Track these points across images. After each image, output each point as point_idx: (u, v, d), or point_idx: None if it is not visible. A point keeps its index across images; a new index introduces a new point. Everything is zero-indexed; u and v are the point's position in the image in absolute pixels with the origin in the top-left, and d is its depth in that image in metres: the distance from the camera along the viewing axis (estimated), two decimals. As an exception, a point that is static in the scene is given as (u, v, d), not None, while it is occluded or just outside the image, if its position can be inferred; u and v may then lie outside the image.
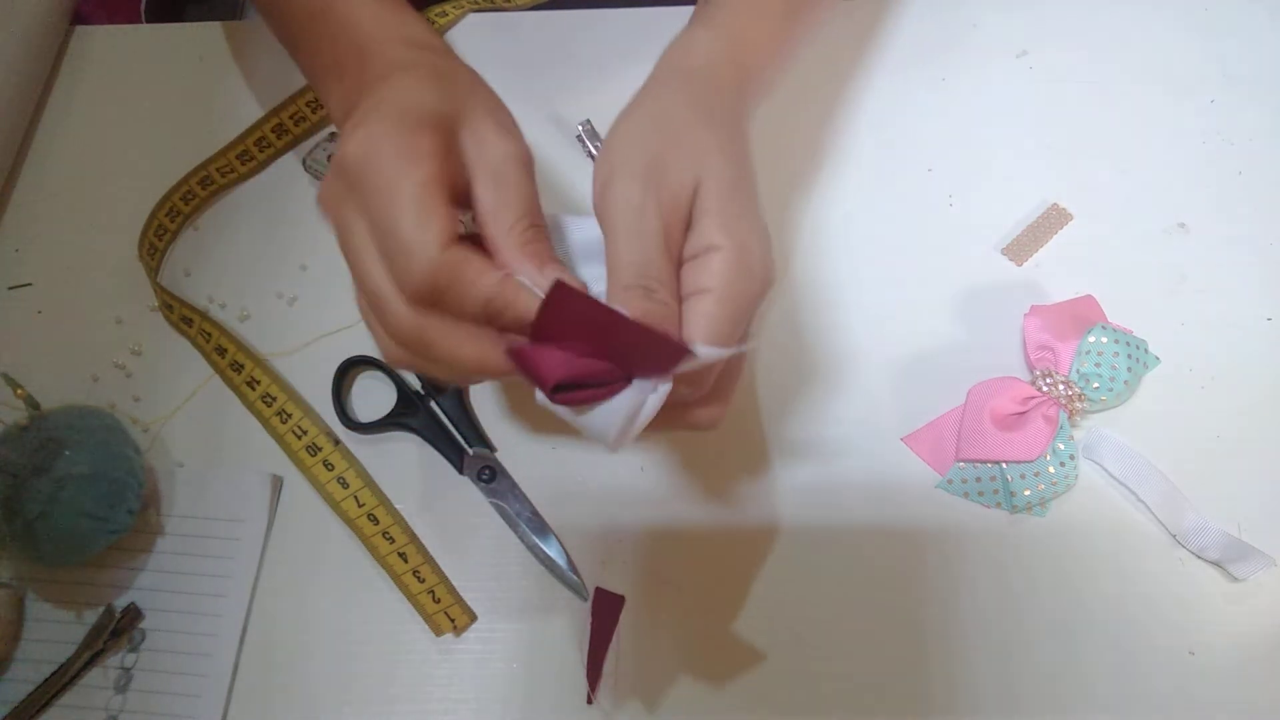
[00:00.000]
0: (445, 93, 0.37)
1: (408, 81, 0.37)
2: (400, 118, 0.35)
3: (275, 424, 0.52)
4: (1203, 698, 0.46)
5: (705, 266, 0.35)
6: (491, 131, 0.37)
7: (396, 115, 0.35)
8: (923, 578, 0.49)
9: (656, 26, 0.62)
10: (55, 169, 0.60)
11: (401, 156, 0.34)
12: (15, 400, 0.49)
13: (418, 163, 0.34)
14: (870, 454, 0.51)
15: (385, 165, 0.34)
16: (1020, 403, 0.49)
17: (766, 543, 0.50)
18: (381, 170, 0.34)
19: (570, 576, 0.49)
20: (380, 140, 0.35)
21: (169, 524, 0.50)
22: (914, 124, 0.59)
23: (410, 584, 0.49)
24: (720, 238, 0.35)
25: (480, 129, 0.37)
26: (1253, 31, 0.61)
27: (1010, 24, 0.62)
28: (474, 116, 0.37)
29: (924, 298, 0.55)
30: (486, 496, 0.51)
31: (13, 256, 0.58)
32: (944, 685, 0.47)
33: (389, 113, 0.35)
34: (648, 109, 0.39)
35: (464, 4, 0.64)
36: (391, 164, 0.34)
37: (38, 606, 0.49)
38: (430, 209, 0.34)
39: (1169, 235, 0.56)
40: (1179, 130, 0.58)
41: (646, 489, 0.51)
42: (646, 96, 0.40)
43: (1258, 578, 0.48)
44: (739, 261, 0.35)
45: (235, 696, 0.48)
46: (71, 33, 0.64)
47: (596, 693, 0.46)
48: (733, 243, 0.35)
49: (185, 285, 0.57)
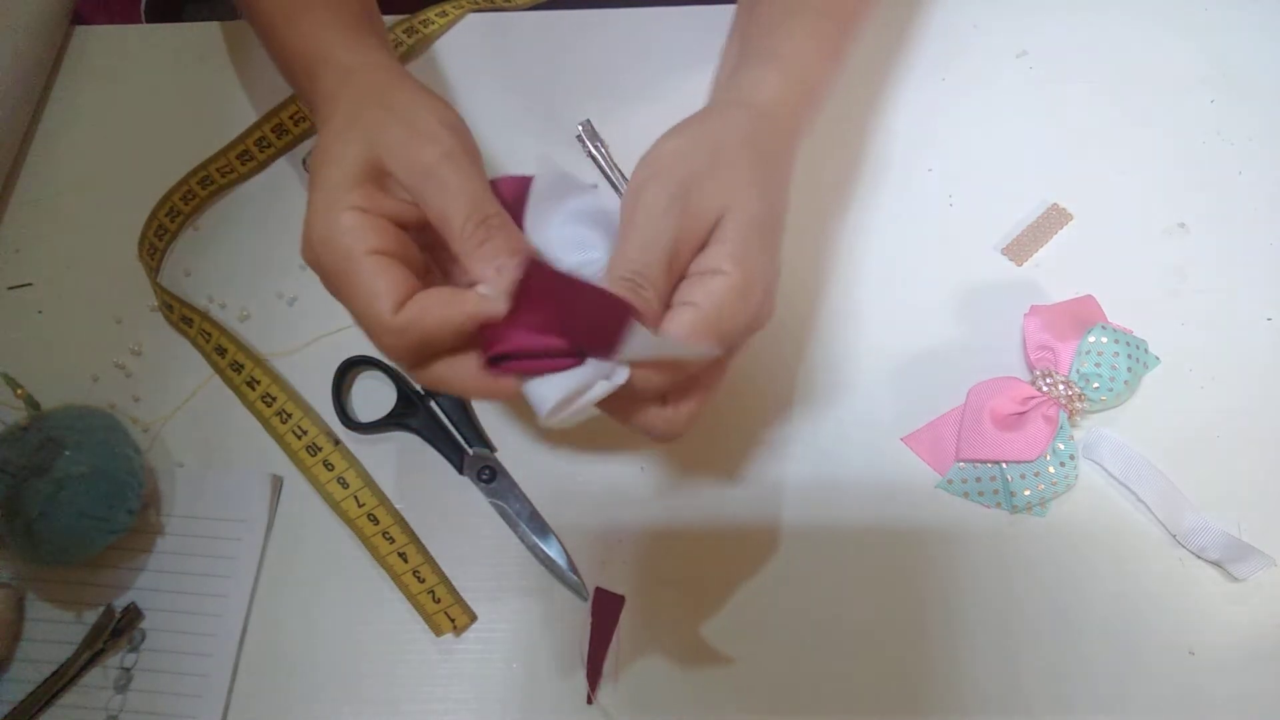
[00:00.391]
0: (362, 132, 0.38)
1: (331, 141, 0.39)
2: (333, 192, 0.37)
3: (275, 424, 0.52)
4: (1203, 698, 0.46)
5: (702, 284, 0.37)
6: (410, 144, 0.38)
7: (330, 191, 0.37)
8: (923, 578, 0.49)
9: (656, 27, 0.63)
10: (55, 169, 0.60)
11: (341, 236, 0.36)
12: (15, 400, 0.49)
13: (356, 236, 0.36)
14: (870, 454, 0.51)
15: (329, 253, 0.37)
16: (1020, 403, 0.49)
17: (766, 543, 0.50)
18: (328, 256, 0.37)
19: (570, 576, 0.49)
20: (320, 227, 0.37)
21: (169, 524, 0.50)
22: (914, 124, 0.59)
23: (410, 584, 0.49)
24: (727, 265, 0.36)
25: (399, 150, 0.38)
26: (1253, 31, 0.61)
27: (1010, 24, 0.62)
28: (390, 140, 0.38)
29: (924, 298, 0.55)
30: (486, 496, 0.51)
31: (13, 256, 0.58)
32: (944, 685, 0.47)
33: (323, 195, 0.37)
34: (703, 131, 0.39)
35: (464, 4, 0.64)
36: (332, 249, 0.36)
37: (38, 606, 0.49)
38: (375, 277, 0.36)
39: (1169, 235, 0.56)
40: (1179, 130, 0.58)
41: (646, 489, 0.51)
42: (706, 119, 0.40)
43: (1258, 578, 0.48)
44: (737, 288, 0.36)
45: (235, 696, 0.48)
46: (71, 33, 0.64)
47: (596, 693, 0.46)
48: (738, 271, 0.36)
49: (185, 285, 0.57)
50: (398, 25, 0.62)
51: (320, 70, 0.43)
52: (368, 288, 0.36)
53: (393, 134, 0.38)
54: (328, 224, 0.37)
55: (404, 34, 0.62)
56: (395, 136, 0.38)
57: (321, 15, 0.44)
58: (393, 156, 0.38)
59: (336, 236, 0.36)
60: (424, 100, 0.40)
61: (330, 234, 0.37)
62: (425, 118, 0.39)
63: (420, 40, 0.62)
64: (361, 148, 0.38)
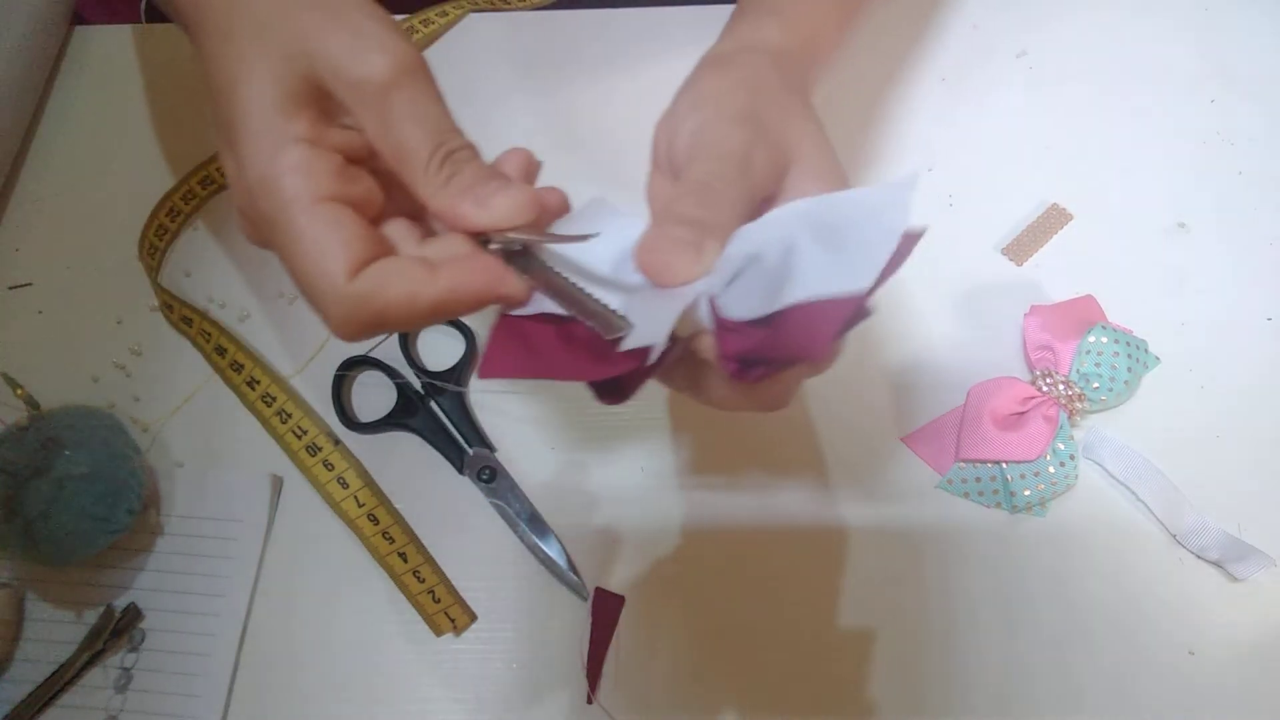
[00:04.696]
0: (290, 40, 0.30)
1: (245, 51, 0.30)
2: (267, 118, 0.30)
3: (275, 424, 0.52)
4: (1203, 698, 0.46)
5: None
6: (357, 55, 0.30)
7: (262, 117, 0.30)
8: (923, 578, 0.49)
9: (656, 27, 0.63)
10: (55, 169, 0.60)
11: (284, 177, 0.29)
12: (15, 400, 0.49)
13: (305, 177, 0.29)
14: (870, 454, 0.51)
15: (268, 197, 0.30)
16: (1020, 403, 0.49)
17: (766, 542, 0.50)
18: (266, 201, 0.30)
19: (570, 576, 0.49)
20: (258, 164, 0.30)
21: (169, 524, 0.50)
22: (914, 124, 0.59)
23: (410, 584, 0.49)
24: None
25: (343, 63, 0.30)
26: (1253, 31, 0.61)
27: (1010, 24, 0.62)
28: (332, 50, 0.30)
29: (924, 298, 0.55)
30: (486, 496, 0.51)
31: (13, 256, 0.58)
32: (944, 685, 0.47)
33: (254, 122, 0.30)
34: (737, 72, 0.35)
35: (464, 4, 0.64)
36: (272, 194, 0.29)
37: (38, 606, 0.49)
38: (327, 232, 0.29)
39: (1169, 235, 0.56)
40: (1179, 130, 0.58)
41: (646, 489, 0.51)
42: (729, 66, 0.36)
43: (1258, 578, 0.48)
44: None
45: (235, 696, 0.48)
46: (71, 33, 0.64)
47: (596, 693, 0.46)
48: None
49: (185, 285, 0.57)
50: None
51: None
52: (317, 244, 0.29)
53: (334, 42, 0.30)
54: (268, 161, 0.29)
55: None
56: (338, 45, 0.30)
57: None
58: (335, 71, 0.30)
59: (279, 176, 0.29)
60: (362, 2, 0.31)
61: (271, 173, 0.29)
62: (369, 22, 0.31)
63: (420, 40, 0.62)
64: (293, 61, 0.30)
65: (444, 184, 0.30)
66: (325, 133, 0.31)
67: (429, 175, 0.30)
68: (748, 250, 0.32)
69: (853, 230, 0.30)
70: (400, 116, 0.30)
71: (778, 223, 0.32)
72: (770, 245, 0.31)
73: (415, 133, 0.30)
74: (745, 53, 0.38)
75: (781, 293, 0.30)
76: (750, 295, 0.31)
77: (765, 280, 0.31)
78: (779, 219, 0.32)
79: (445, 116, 0.31)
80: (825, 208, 0.31)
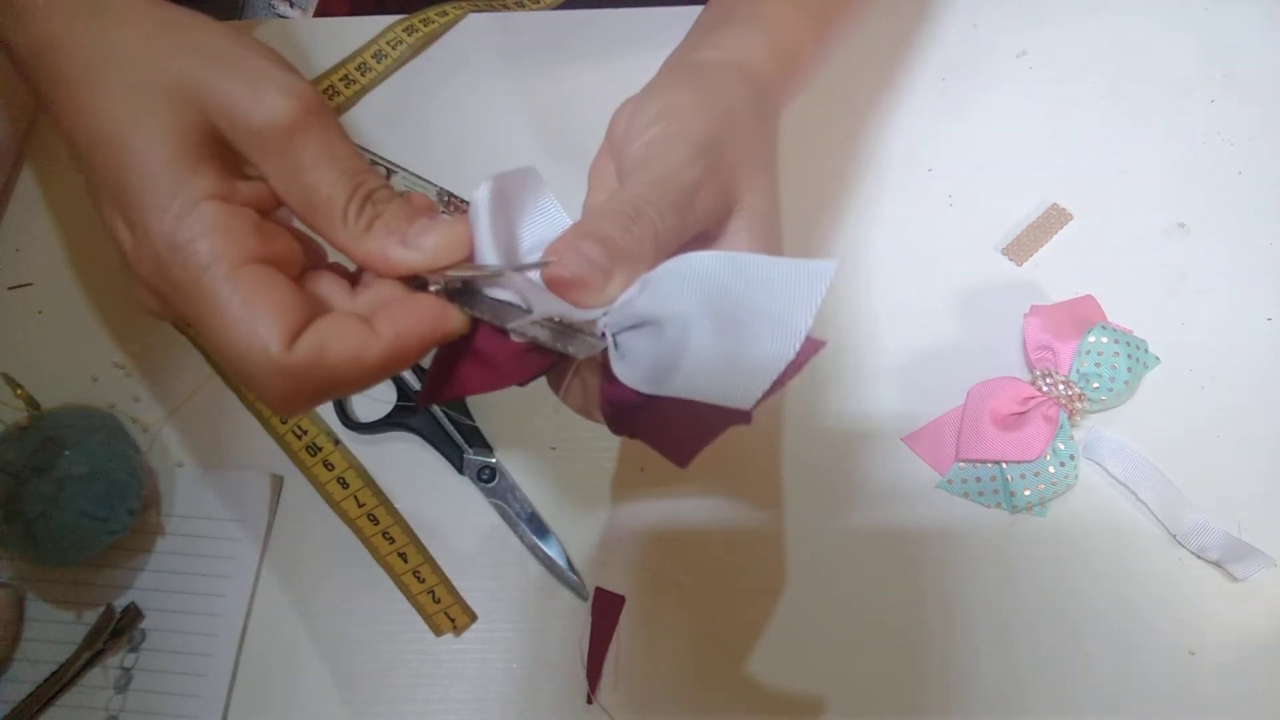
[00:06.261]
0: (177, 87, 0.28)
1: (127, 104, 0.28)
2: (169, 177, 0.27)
3: (275, 424, 0.52)
4: (1203, 698, 0.46)
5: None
6: (257, 99, 0.27)
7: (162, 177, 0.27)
8: (923, 578, 0.49)
9: (657, 27, 0.63)
10: (55, 169, 0.60)
11: (198, 242, 0.27)
12: (15, 400, 0.49)
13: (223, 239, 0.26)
14: (870, 454, 0.51)
15: (181, 266, 0.27)
16: (1020, 403, 0.49)
17: (766, 542, 0.50)
18: (179, 271, 0.27)
19: (570, 576, 0.49)
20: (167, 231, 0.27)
21: (169, 524, 0.50)
22: (914, 124, 0.59)
23: (410, 584, 0.49)
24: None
25: (241, 108, 0.27)
26: (1253, 31, 0.61)
27: (1010, 24, 0.62)
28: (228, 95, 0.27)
29: (924, 298, 0.55)
30: (486, 497, 0.51)
31: (13, 256, 0.58)
32: (944, 685, 0.47)
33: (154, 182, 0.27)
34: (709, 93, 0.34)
35: (464, 4, 0.64)
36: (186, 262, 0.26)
37: (38, 606, 0.49)
38: (255, 300, 0.26)
39: (1169, 235, 0.56)
40: (1179, 130, 0.58)
41: (646, 489, 0.51)
42: (705, 81, 0.35)
43: (1258, 578, 0.48)
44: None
45: (235, 696, 0.48)
46: (71, 33, 0.64)
47: (596, 693, 0.46)
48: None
49: (185, 285, 0.57)
50: (398, 24, 0.62)
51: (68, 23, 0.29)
52: (246, 313, 0.26)
53: (227, 86, 0.27)
54: (176, 224, 0.27)
55: (404, 33, 0.61)
56: (232, 89, 0.27)
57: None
58: (232, 118, 0.27)
59: (191, 241, 0.26)
60: (247, 40, 0.29)
61: (182, 238, 0.26)
62: (260, 62, 0.28)
63: (420, 40, 0.62)
64: (183, 110, 0.27)
65: (366, 229, 0.28)
66: (234, 187, 0.28)
67: (349, 221, 0.28)
68: (653, 312, 0.29)
69: (758, 323, 0.28)
70: (310, 161, 0.28)
71: (691, 282, 0.29)
72: (673, 320, 0.29)
73: (328, 176, 0.28)
74: (725, 69, 0.36)
75: (669, 379, 0.29)
76: (641, 359, 0.29)
77: (657, 354, 0.29)
78: (694, 275, 0.29)
79: (356, 155, 0.29)
80: (742, 280, 0.29)
